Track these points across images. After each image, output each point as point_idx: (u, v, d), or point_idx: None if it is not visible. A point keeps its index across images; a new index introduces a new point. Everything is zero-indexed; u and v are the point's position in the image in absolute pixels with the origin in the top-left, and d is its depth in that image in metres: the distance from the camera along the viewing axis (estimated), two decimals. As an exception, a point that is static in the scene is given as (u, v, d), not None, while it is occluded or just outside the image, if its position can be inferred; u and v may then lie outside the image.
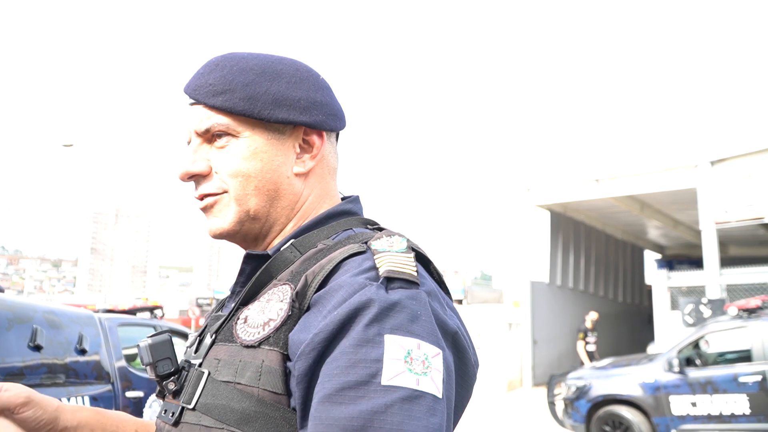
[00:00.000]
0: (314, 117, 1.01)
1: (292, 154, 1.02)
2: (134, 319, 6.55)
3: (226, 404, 0.85)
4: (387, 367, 0.74)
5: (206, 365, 0.91)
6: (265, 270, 0.95)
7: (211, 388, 0.88)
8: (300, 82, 1.02)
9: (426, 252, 0.94)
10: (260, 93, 0.98)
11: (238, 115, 0.98)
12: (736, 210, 12.76)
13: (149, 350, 0.96)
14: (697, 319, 11.66)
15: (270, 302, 0.90)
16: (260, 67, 1.01)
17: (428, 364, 0.77)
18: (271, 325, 0.86)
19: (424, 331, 0.79)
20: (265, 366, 0.84)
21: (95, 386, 4.91)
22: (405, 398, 0.73)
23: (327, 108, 1.04)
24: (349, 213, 1.06)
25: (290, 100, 1.00)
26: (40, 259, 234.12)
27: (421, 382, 0.75)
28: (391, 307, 0.79)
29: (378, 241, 0.90)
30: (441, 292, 0.90)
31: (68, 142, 24.98)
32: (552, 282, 17.49)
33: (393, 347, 0.76)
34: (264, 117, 0.98)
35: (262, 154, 0.99)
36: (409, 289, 0.82)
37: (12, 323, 4.16)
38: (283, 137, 1.01)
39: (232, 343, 0.90)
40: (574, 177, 15.68)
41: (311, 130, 1.03)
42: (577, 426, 8.61)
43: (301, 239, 0.98)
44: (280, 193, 1.01)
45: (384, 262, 0.84)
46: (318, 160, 1.04)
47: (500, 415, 12.12)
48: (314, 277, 0.87)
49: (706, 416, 7.57)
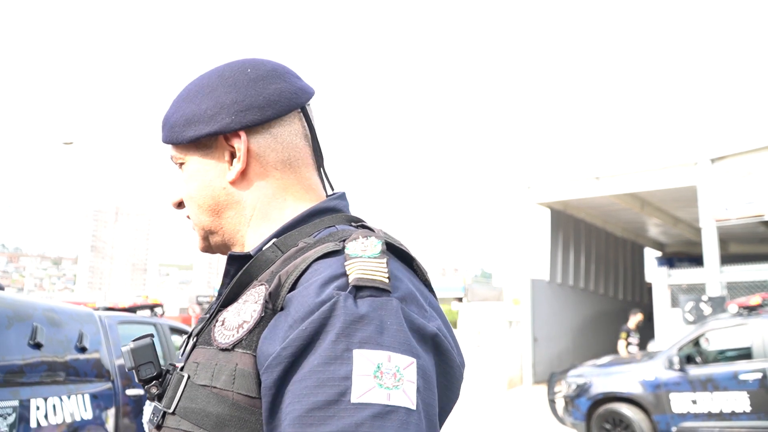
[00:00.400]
0: (219, 122, 0.99)
1: (224, 164, 1.01)
2: (134, 317, 6.55)
3: (203, 408, 0.84)
4: (356, 385, 0.72)
5: (187, 369, 0.91)
6: (246, 271, 0.94)
7: (190, 391, 0.87)
8: (214, 90, 1.01)
9: (408, 249, 0.92)
10: (177, 119, 1.02)
11: (170, 144, 1.05)
12: (737, 207, 12.76)
13: (131, 355, 0.97)
14: (698, 316, 11.66)
15: (246, 303, 0.89)
16: (188, 90, 1.04)
17: (400, 376, 0.75)
18: (244, 327, 0.85)
19: (395, 342, 0.77)
20: (239, 369, 0.83)
21: (95, 384, 4.91)
22: (376, 415, 0.71)
23: (238, 105, 0.99)
24: (334, 210, 1.03)
25: (198, 115, 1.00)
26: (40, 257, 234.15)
27: (393, 397, 0.73)
28: (359, 320, 0.77)
29: (353, 243, 0.87)
30: (423, 293, 0.88)
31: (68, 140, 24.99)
32: (552, 280, 17.49)
33: (362, 362, 0.74)
34: (180, 141, 1.01)
35: (196, 174, 1.03)
36: (379, 297, 0.80)
37: (12, 321, 4.15)
38: (210, 151, 1.02)
39: (210, 346, 0.89)
40: (574, 175, 15.67)
41: (231, 135, 1.00)
42: (577, 424, 8.62)
43: (283, 238, 0.96)
44: (221, 205, 1.02)
45: (354, 269, 0.82)
46: (247, 161, 1.00)
47: (501, 412, 12.13)
48: (287, 278, 0.85)
49: (706, 414, 7.57)
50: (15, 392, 4.00)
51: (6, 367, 4.00)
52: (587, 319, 19.29)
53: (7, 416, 3.87)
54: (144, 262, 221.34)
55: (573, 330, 18.27)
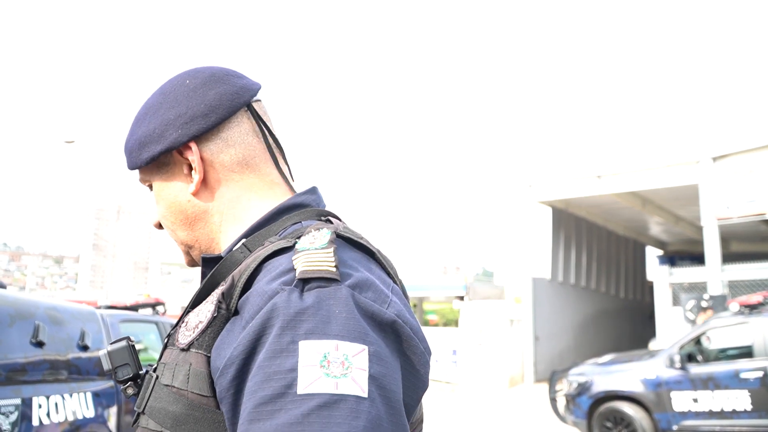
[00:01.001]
0: (168, 138, 1.00)
1: (184, 177, 1.03)
2: (136, 316, 6.57)
3: (164, 407, 0.86)
4: (302, 375, 0.72)
5: (159, 369, 0.93)
6: (216, 272, 0.94)
7: (156, 391, 0.90)
8: (159, 108, 1.03)
9: (366, 242, 0.92)
10: (132, 144, 1.04)
11: (134, 169, 1.06)
12: (738, 206, 12.75)
13: (108, 357, 1.00)
14: (699, 315, 11.66)
15: (205, 304, 0.89)
16: (139, 114, 1.06)
17: (348, 364, 0.73)
18: (199, 327, 0.86)
19: (344, 330, 0.76)
20: (193, 369, 0.84)
21: (97, 382, 4.92)
22: (323, 405, 0.70)
23: (182, 118, 1.00)
24: (302, 205, 1.03)
25: (148, 136, 1.02)
26: (41, 256, 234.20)
27: (340, 385, 0.72)
28: (304, 311, 0.76)
29: (304, 237, 0.87)
30: (383, 280, 0.87)
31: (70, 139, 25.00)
32: (554, 278, 17.48)
33: (307, 353, 0.73)
34: (139, 165, 1.04)
35: (163, 193, 1.05)
36: (326, 287, 0.79)
37: (14, 319, 4.16)
38: (169, 168, 1.04)
39: (174, 346, 0.91)
40: (575, 173, 15.66)
41: (182, 149, 1.01)
42: (578, 422, 8.62)
43: (252, 238, 0.96)
44: (190, 218, 1.04)
45: (299, 263, 0.82)
46: (202, 170, 1.01)
47: (502, 411, 12.14)
48: (240, 277, 0.86)
49: (707, 412, 7.57)
50: (17, 390, 4.01)
51: (8, 365, 4.01)
52: (588, 318, 19.29)
53: (9, 414, 3.89)
54: (146, 261, 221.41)
55: (574, 328, 18.27)
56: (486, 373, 15.10)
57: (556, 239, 17.77)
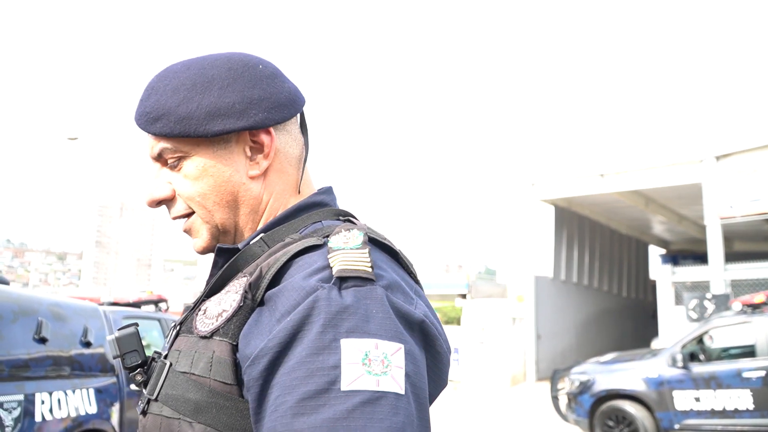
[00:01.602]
0: (253, 118, 0.97)
1: (243, 158, 1.00)
2: (139, 312, 6.58)
3: (182, 394, 0.86)
4: (345, 373, 0.74)
5: (170, 356, 0.93)
6: (233, 263, 0.95)
7: (172, 378, 0.89)
8: (233, 83, 0.98)
9: (391, 242, 0.93)
10: (192, 110, 0.96)
11: (177, 137, 0.98)
12: (741, 205, 12.73)
13: (116, 343, 0.98)
14: (701, 314, 11.65)
15: (227, 294, 0.90)
16: (191, 79, 0.98)
17: (388, 362, 0.76)
18: (223, 316, 0.87)
19: (381, 329, 0.78)
20: (216, 357, 0.85)
21: (100, 379, 4.93)
22: (366, 401, 0.73)
23: (267, 102, 0.99)
24: (321, 204, 1.04)
25: (224, 108, 0.96)
26: (45, 252, 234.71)
27: (381, 383, 0.74)
28: (345, 310, 0.78)
29: (336, 236, 0.88)
30: (408, 282, 0.89)
31: (73, 136, 25.02)
32: (556, 277, 17.48)
33: (350, 351, 0.75)
34: (200, 134, 0.96)
35: (212, 170, 0.99)
36: (363, 286, 0.81)
37: (17, 316, 4.17)
38: (230, 145, 0.99)
39: (191, 334, 0.92)
40: (578, 172, 15.65)
41: (257, 131, 0.99)
42: (580, 420, 8.62)
43: (271, 233, 0.97)
44: (240, 201, 1.00)
45: (336, 261, 0.83)
46: (272, 156, 1.01)
47: (504, 409, 12.14)
48: (268, 269, 0.87)
49: (709, 411, 7.56)
50: (20, 386, 4.02)
51: (11, 361, 4.02)
52: (591, 317, 19.28)
53: (12, 410, 3.90)
54: (149, 258, 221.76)
55: (576, 327, 18.27)
56: (488, 372, 15.10)
57: (559, 238, 17.75)
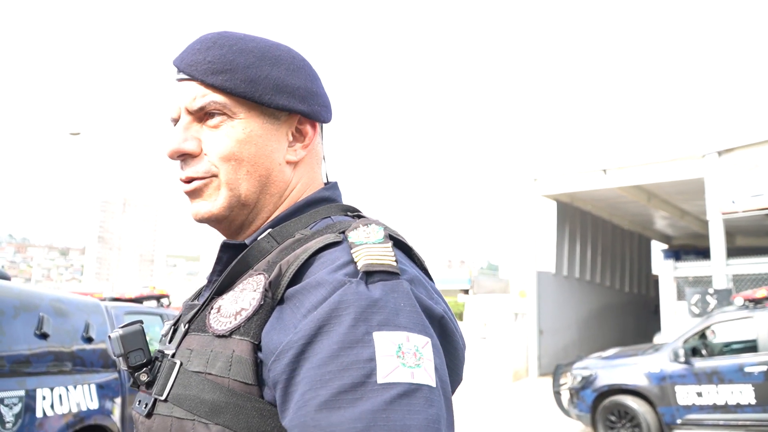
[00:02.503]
0: (311, 107, 1.01)
1: (285, 141, 1.01)
2: (141, 308, 6.58)
3: (197, 395, 0.84)
4: (381, 365, 0.74)
5: (179, 355, 0.91)
6: (242, 259, 0.94)
7: (183, 378, 0.87)
8: (298, 71, 1.01)
9: (405, 239, 0.93)
10: (261, 77, 0.96)
11: (238, 96, 0.96)
12: (743, 200, 12.71)
13: (120, 341, 0.94)
14: (703, 309, 11.64)
15: (243, 292, 0.89)
16: (260, 50, 0.99)
17: (420, 355, 0.76)
18: (242, 314, 0.85)
19: (411, 322, 0.78)
20: (236, 356, 0.83)
21: (102, 374, 4.93)
22: (403, 393, 0.73)
23: (321, 99, 1.04)
24: (328, 200, 1.04)
25: (290, 87, 0.98)
26: (47, 248, 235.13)
27: (416, 375, 0.75)
28: (375, 303, 0.78)
29: (355, 231, 0.88)
30: (424, 278, 0.89)
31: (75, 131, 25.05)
32: (558, 272, 17.47)
33: (384, 344, 0.75)
34: (265, 102, 0.96)
35: (258, 139, 0.97)
36: (389, 280, 0.81)
37: (18, 311, 4.17)
38: (278, 123, 1.00)
39: (205, 332, 0.89)
40: (581, 167, 15.63)
41: (305, 120, 1.02)
42: (582, 416, 8.62)
43: (279, 228, 0.97)
44: (271, 180, 0.99)
45: (362, 255, 0.83)
46: (309, 149, 1.04)
47: (506, 405, 12.15)
48: (288, 267, 0.86)
49: (711, 406, 7.56)
50: (21, 382, 4.02)
51: (12, 357, 4.02)
52: (593, 312, 19.28)
53: (13, 406, 3.90)
54: (151, 253, 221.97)
55: (579, 322, 18.26)
56: (490, 367, 15.11)
57: (561, 233, 17.74)
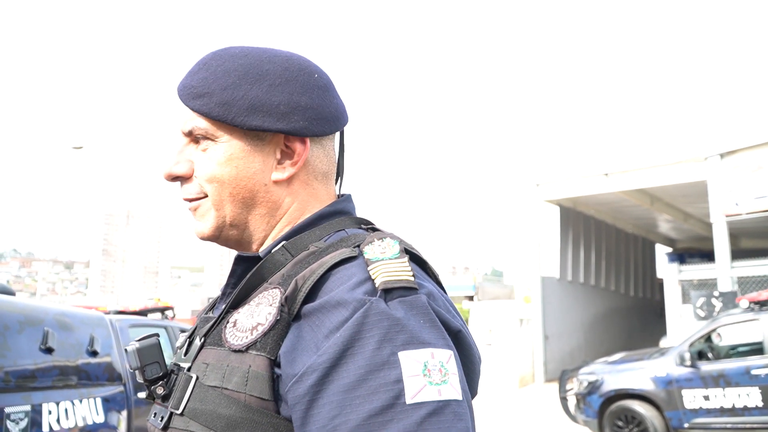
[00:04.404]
0: (293, 123, 0.96)
1: (272, 160, 0.98)
2: (145, 320, 6.60)
3: (213, 410, 0.84)
4: (408, 386, 0.74)
5: (195, 369, 0.90)
6: (256, 272, 0.93)
7: (199, 392, 0.87)
8: (285, 84, 0.97)
9: (420, 252, 0.93)
10: (237, 98, 0.95)
11: (215, 120, 0.96)
12: (747, 202, 12.68)
13: (137, 354, 0.94)
14: (709, 312, 11.60)
15: (259, 306, 0.88)
16: (245, 67, 0.97)
17: (445, 370, 0.77)
18: (259, 329, 0.85)
19: (433, 337, 0.79)
20: (252, 371, 0.83)
21: (107, 388, 4.93)
22: (433, 412, 0.74)
23: (312, 112, 0.98)
24: (342, 212, 1.02)
25: (268, 105, 0.95)
26: (52, 261, 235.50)
27: (443, 391, 0.76)
28: (398, 323, 0.78)
29: (370, 246, 0.88)
30: (440, 292, 0.89)
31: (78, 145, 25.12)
32: (563, 277, 17.44)
33: (410, 364, 0.76)
34: (238, 124, 0.95)
35: (237, 161, 0.97)
36: (408, 296, 0.81)
37: (23, 326, 4.18)
38: (262, 143, 0.98)
39: (221, 347, 0.89)
40: (583, 171, 15.62)
41: (293, 137, 0.98)
42: (589, 421, 8.59)
43: (293, 241, 0.96)
44: (257, 201, 0.98)
45: (379, 273, 0.82)
46: (300, 166, 0.99)
47: (512, 411, 12.11)
48: (304, 282, 0.85)
49: (718, 409, 7.53)
50: (27, 397, 4.03)
51: (18, 371, 4.02)
52: (598, 316, 19.23)
53: (19, 421, 3.90)
54: (156, 265, 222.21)
55: (584, 327, 18.21)
56: (496, 373, 15.07)
57: (565, 238, 17.72)
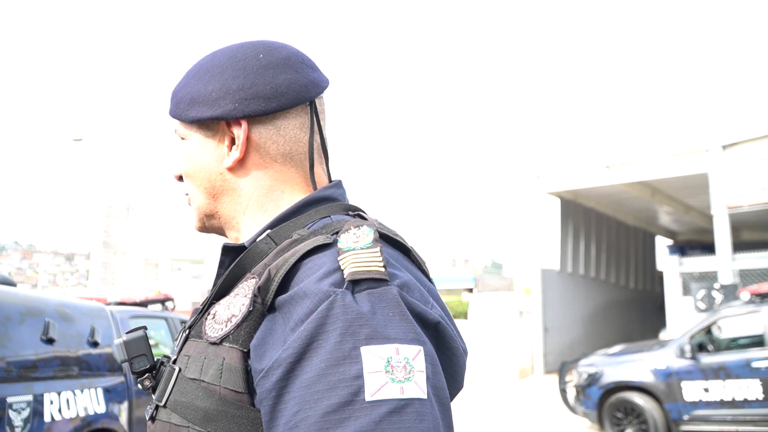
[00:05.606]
0: (221, 108, 0.96)
1: (224, 148, 1.00)
2: (145, 312, 6.60)
3: (191, 402, 0.84)
4: (369, 383, 0.71)
5: (179, 362, 0.91)
6: (239, 263, 0.92)
7: (181, 385, 0.87)
8: (224, 72, 0.98)
9: (403, 239, 0.91)
10: (183, 95, 1.01)
11: (173, 118, 1.04)
12: (748, 194, 12.67)
13: (123, 347, 0.95)
14: (709, 304, 11.61)
15: (236, 297, 0.87)
16: (200, 65, 1.02)
17: (410, 367, 0.74)
18: (232, 321, 0.84)
19: (401, 332, 0.75)
20: (226, 364, 0.82)
21: (108, 378, 4.95)
22: (392, 411, 0.70)
23: (243, 92, 0.96)
24: (329, 199, 1.00)
25: (202, 96, 0.98)
26: (53, 253, 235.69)
27: (406, 390, 0.72)
28: (362, 316, 0.75)
29: (345, 235, 0.85)
30: (421, 281, 0.87)
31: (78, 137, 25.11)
32: (563, 269, 17.44)
33: (371, 359, 0.72)
34: (182, 118, 1.01)
35: (195, 154, 1.02)
36: (376, 288, 0.78)
37: (24, 317, 4.19)
38: (212, 134, 1.00)
39: (201, 339, 0.89)
40: (584, 163, 15.60)
41: (232, 122, 0.98)
42: (588, 413, 8.61)
43: (278, 229, 0.94)
44: (217, 190, 1.01)
45: (348, 263, 0.80)
46: (246, 150, 0.98)
47: (512, 402, 12.14)
48: (277, 272, 0.83)
49: (718, 402, 7.54)
50: (29, 387, 4.04)
51: (19, 362, 4.03)
52: (598, 309, 19.25)
53: (21, 411, 3.91)
54: (156, 257, 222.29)
55: (584, 319, 18.23)
56: (496, 365, 15.11)
57: (565, 230, 17.72)
